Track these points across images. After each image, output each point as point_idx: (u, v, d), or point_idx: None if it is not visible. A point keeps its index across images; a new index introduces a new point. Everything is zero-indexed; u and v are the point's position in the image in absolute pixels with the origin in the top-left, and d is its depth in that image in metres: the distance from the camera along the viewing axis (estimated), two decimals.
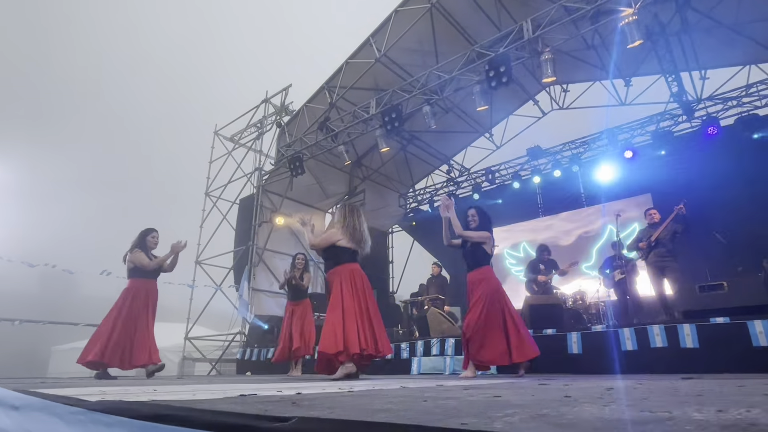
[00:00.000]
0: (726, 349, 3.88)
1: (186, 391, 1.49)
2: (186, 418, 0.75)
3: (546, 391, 1.42)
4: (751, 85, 7.87)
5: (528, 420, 0.72)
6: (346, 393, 1.26)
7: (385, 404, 0.87)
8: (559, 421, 0.71)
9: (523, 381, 2.09)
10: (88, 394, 1.31)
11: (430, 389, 1.52)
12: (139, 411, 0.85)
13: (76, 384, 2.38)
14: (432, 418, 0.72)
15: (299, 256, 6.64)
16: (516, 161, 10.57)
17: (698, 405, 0.95)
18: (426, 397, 1.06)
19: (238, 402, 0.93)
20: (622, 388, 1.53)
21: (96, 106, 46.38)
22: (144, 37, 51.30)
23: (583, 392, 1.37)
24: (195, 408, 0.81)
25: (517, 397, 1.09)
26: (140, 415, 0.82)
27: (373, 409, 0.74)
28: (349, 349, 3.54)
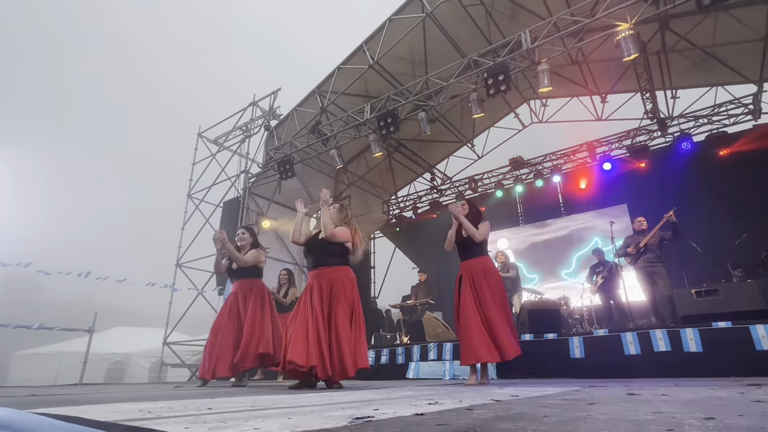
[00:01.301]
0: (730, 353, 3.82)
1: (250, 409, 1.18)
2: None
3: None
4: (720, 104, 8.14)
5: None
6: (473, 413, 1.00)
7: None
8: None
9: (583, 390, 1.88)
10: (141, 417, 0.98)
11: (559, 403, 1.27)
12: None
13: (82, 399, 1.99)
14: None
15: (282, 272, 6.25)
16: (499, 171, 10.56)
17: None
18: (652, 422, 0.81)
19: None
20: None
21: (72, 102, 44.09)
22: (129, 36, 49.33)
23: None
24: None
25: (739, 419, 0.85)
26: None
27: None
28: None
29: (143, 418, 0.94)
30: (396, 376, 5.78)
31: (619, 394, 1.44)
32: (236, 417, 0.93)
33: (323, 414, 0.96)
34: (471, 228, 3.78)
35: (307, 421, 0.84)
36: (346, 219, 3.65)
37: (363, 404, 1.23)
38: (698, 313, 4.39)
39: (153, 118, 47.23)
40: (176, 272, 9.37)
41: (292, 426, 0.76)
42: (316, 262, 3.50)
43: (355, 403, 1.25)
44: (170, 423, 0.84)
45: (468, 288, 3.64)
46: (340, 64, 8.37)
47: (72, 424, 0.84)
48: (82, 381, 6.64)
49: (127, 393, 2.52)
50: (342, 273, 3.45)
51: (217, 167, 10.06)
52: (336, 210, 3.64)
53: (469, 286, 3.64)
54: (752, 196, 7.33)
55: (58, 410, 1.19)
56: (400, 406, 1.13)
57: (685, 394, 1.43)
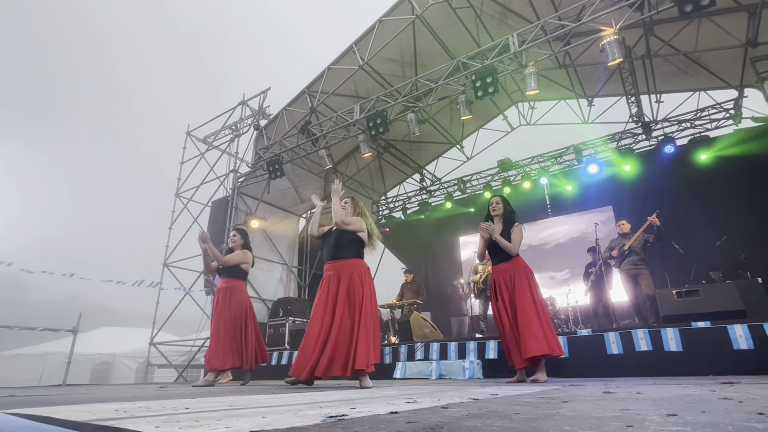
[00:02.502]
0: (708, 353, 3.90)
1: (228, 409, 1.17)
2: None
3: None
4: (702, 109, 8.29)
5: None
6: (448, 411, 1.01)
7: (581, 429, 0.63)
8: None
9: (562, 389, 1.90)
10: (115, 417, 0.98)
11: (530, 402, 1.29)
12: None
13: (63, 398, 1.96)
14: None
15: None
16: (487, 172, 10.62)
17: None
18: (602, 417, 0.82)
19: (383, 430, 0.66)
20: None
21: (61, 101, 43.31)
22: (118, 34, 48.62)
23: None
24: None
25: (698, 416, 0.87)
26: None
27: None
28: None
29: (117, 418, 0.93)
30: (383, 376, 5.78)
31: (595, 393, 1.46)
32: (210, 416, 0.93)
33: (298, 413, 0.96)
34: (507, 245, 3.67)
35: (281, 419, 0.84)
36: (359, 211, 3.62)
37: (342, 403, 1.23)
38: (679, 314, 4.47)
39: (141, 117, 46.64)
40: (163, 272, 9.27)
41: (264, 424, 0.76)
42: (330, 254, 3.44)
43: (334, 402, 1.25)
44: (143, 422, 0.83)
45: (503, 294, 3.61)
46: (330, 64, 8.36)
47: (43, 424, 0.83)
48: (65, 382, 6.53)
49: (109, 393, 2.49)
50: (355, 266, 3.37)
51: (205, 166, 9.98)
52: (349, 203, 3.60)
53: (506, 291, 3.61)
54: (733, 199, 7.47)
55: (33, 410, 1.18)
56: (378, 405, 1.13)
57: (659, 392, 1.46)
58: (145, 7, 49.59)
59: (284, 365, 7.06)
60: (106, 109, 45.75)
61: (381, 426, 0.71)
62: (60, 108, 42.83)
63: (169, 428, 0.74)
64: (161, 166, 18.79)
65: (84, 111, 44.12)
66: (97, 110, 44.98)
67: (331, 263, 3.40)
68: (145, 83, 48.83)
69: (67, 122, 42.25)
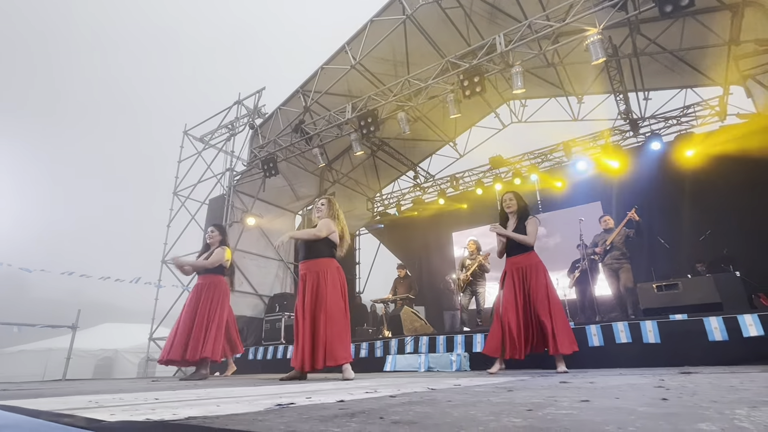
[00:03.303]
0: (685, 344, 3.97)
1: (195, 399, 1.24)
2: None
3: None
4: (688, 106, 8.34)
5: None
6: (396, 399, 1.07)
7: (493, 414, 0.70)
8: None
9: (533, 380, 1.98)
10: (84, 407, 1.04)
11: (477, 392, 1.35)
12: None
13: (49, 391, 2.02)
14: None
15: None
16: (479, 169, 10.68)
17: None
18: (525, 404, 0.89)
19: (306, 417, 0.72)
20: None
21: (60, 103, 43.26)
22: (115, 35, 48.46)
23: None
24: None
25: (611, 402, 0.94)
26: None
27: (518, 426, 0.58)
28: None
29: (84, 407, 0.99)
30: (374, 368, 5.86)
31: (550, 383, 1.52)
32: (170, 406, 0.99)
33: (253, 402, 1.02)
34: (522, 238, 3.74)
35: (232, 408, 0.90)
36: (334, 213, 3.72)
37: (302, 393, 1.30)
38: (658, 307, 4.55)
39: (139, 116, 46.56)
40: (162, 269, 9.33)
41: (209, 412, 0.82)
42: (303, 255, 3.60)
43: (295, 393, 1.31)
44: (103, 411, 0.89)
45: (515, 285, 3.66)
46: (323, 64, 8.39)
47: (5, 412, 0.89)
48: (65, 377, 6.61)
49: (98, 387, 2.56)
50: (324, 264, 3.51)
51: (202, 165, 10.02)
52: (326, 205, 3.70)
53: (519, 283, 3.66)
54: (717, 195, 7.54)
55: (9, 402, 1.24)
56: (335, 395, 1.20)
57: (610, 382, 1.52)
58: (143, 10, 49.38)
59: (279, 359, 7.15)
60: (105, 110, 45.67)
61: (312, 412, 0.77)
62: (59, 109, 42.75)
63: (122, 415, 0.81)
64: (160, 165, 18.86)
65: (83, 112, 44.04)
66: (96, 111, 44.90)
67: (305, 262, 3.55)
68: (144, 84, 48.73)
69: (66, 123, 42.18)
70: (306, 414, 0.74)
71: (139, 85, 48.47)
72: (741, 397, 0.88)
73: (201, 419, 0.69)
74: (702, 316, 4.00)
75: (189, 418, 0.71)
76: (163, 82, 49.84)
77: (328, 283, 3.42)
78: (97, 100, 45.51)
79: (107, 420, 0.72)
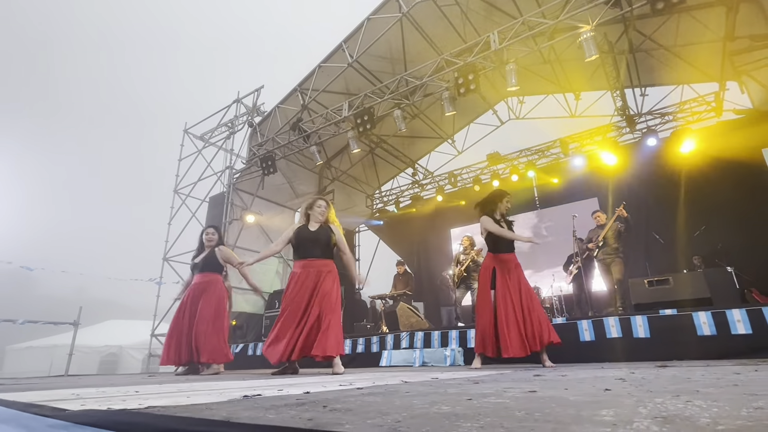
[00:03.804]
0: (675, 339, 4.00)
1: (175, 392, 1.28)
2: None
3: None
4: (685, 102, 8.32)
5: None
6: (359, 391, 1.11)
7: (431, 403, 0.73)
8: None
9: (511, 373, 2.01)
10: (63, 398, 1.08)
11: (442, 384, 1.39)
12: (135, 422, 0.66)
13: (41, 385, 2.07)
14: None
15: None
16: (477, 166, 10.69)
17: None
18: (459, 394, 0.93)
19: (255, 407, 0.76)
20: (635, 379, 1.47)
21: (60, 102, 43.46)
22: (117, 35, 48.59)
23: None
24: (203, 419, 0.64)
25: (556, 392, 0.98)
26: (136, 428, 0.64)
27: (440, 413, 0.61)
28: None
29: (60, 399, 1.04)
30: (371, 363, 5.91)
31: (521, 377, 1.56)
32: (144, 397, 1.03)
33: (223, 393, 1.06)
34: (509, 234, 3.89)
35: (200, 399, 0.94)
36: (334, 216, 3.78)
37: (278, 386, 1.34)
38: (649, 302, 4.57)
39: (140, 115, 46.70)
40: (163, 266, 9.42)
41: (175, 402, 0.86)
42: (312, 253, 3.57)
43: (272, 386, 1.36)
44: (75, 402, 0.94)
45: (508, 280, 3.73)
46: (320, 62, 8.41)
47: None
48: (67, 372, 6.70)
49: (93, 381, 2.62)
50: (330, 265, 3.60)
51: (202, 163, 10.08)
52: (328, 207, 3.75)
53: (508, 279, 3.74)
54: (713, 190, 7.52)
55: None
56: (307, 387, 1.24)
57: (580, 374, 1.56)
58: (147, 9, 49.40)
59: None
60: (107, 109, 45.84)
61: (269, 402, 0.81)
62: (61, 109, 42.93)
63: (93, 404, 0.85)
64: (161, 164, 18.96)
65: (85, 111, 44.24)
66: (97, 110, 45.09)
67: (307, 260, 3.55)
68: (145, 83, 48.85)
69: (67, 123, 42.37)
70: (261, 404, 0.78)
71: (140, 85, 48.65)
72: (680, 388, 0.91)
73: (159, 408, 0.73)
74: (691, 311, 4.02)
75: (149, 407, 0.75)
76: (164, 81, 49.98)
77: (335, 281, 3.53)
78: (100, 100, 45.68)
79: (71, 409, 0.76)
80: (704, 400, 0.74)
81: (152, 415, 0.69)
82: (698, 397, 0.81)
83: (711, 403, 0.72)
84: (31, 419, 0.77)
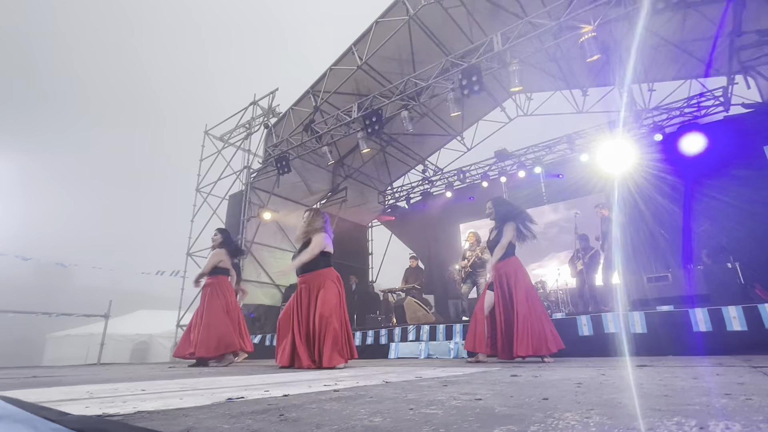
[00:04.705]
0: (670, 334, 3.99)
1: (173, 391, 1.40)
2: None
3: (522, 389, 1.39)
4: (692, 97, 8.10)
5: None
6: (332, 394, 1.20)
7: (372, 413, 0.82)
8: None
9: (494, 372, 2.08)
10: (75, 398, 1.20)
11: (412, 386, 1.47)
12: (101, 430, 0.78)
13: (63, 380, 2.24)
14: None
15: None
16: (485, 162, 10.64)
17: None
18: (410, 401, 1.01)
19: (223, 414, 0.86)
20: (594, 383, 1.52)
21: (90, 105, 44.75)
22: (137, 39, 49.63)
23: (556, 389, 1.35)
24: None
25: (498, 400, 1.05)
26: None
27: (363, 426, 0.69)
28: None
29: (72, 399, 1.16)
30: (380, 355, 6.04)
31: (496, 378, 1.63)
32: (141, 397, 1.15)
33: (214, 394, 1.17)
34: (496, 255, 3.86)
35: (190, 401, 1.05)
36: (320, 225, 3.90)
37: (269, 386, 1.44)
38: (648, 298, 4.55)
39: (163, 118, 47.77)
40: (187, 261, 9.72)
41: (167, 404, 0.97)
42: (301, 270, 3.78)
43: (263, 386, 1.46)
44: (83, 402, 1.06)
45: (503, 288, 3.75)
46: (331, 65, 8.48)
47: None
48: (100, 361, 7.03)
49: (116, 374, 2.78)
50: (323, 275, 3.72)
51: (222, 162, 10.32)
52: (315, 216, 3.90)
53: (499, 287, 3.77)
54: (720, 184, 7.35)
55: (14, 393, 1.43)
56: (290, 389, 1.34)
57: (554, 376, 1.62)
58: (173, 8, 50.19)
59: None
60: (131, 112, 47.00)
61: (244, 407, 0.90)
62: (90, 110, 44.15)
63: (96, 405, 0.96)
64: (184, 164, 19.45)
65: (106, 113, 45.44)
66: (122, 113, 46.27)
67: (303, 276, 3.76)
68: (168, 87, 49.84)
69: (96, 127, 43.61)
70: (231, 410, 0.88)
71: (164, 84, 49.60)
72: (610, 399, 0.96)
73: (123, 416, 0.84)
74: (687, 308, 4.00)
75: (112, 414, 0.86)
76: (184, 85, 50.94)
77: (327, 292, 3.62)
78: (121, 102, 46.83)
79: (72, 414, 0.87)
80: (604, 416, 0.78)
81: (112, 422, 0.80)
82: (607, 412, 0.86)
83: (605, 420, 0.77)
84: (38, 421, 0.88)
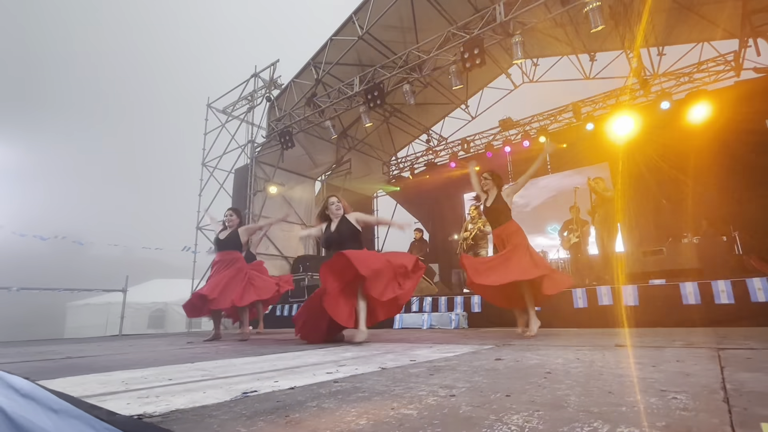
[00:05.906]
0: (662, 308, 4.16)
1: (196, 381, 1.60)
2: None
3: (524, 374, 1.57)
4: (702, 62, 7.89)
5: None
6: (332, 386, 1.39)
7: (360, 414, 0.99)
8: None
9: (483, 353, 2.26)
10: (113, 391, 1.40)
11: (403, 375, 1.66)
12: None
13: (96, 364, 2.48)
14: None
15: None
16: (489, 132, 10.56)
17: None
18: (396, 396, 1.19)
19: (242, 416, 1.03)
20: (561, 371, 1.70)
21: (96, 85, 44.38)
22: (138, 11, 48.28)
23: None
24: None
25: (468, 397, 1.22)
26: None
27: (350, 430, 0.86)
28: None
29: (112, 393, 1.36)
30: (387, 325, 6.32)
31: (482, 364, 1.81)
32: (170, 390, 1.34)
33: (230, 388, 1.36)
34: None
35: (212, 395, 1.24)
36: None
37: (280, 375, 1.64)
38: (642, 271, 4.70)
39: (161, 92, 47.29)
40: (197, 234, 10.00)
41: (192, 401, 1.15)
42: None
43: (275, 374, 1.66)
44: (119, 399, 1.25)
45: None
46: (332, 35, 8.33)
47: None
48: (121, 332, 7.45)
49: (141, 354, 3.04)
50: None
51: (227, 136, 10.36)
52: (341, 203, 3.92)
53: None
54: (727, 152, 7.29)
55: (48, 382, 1.65)
56: (294, 379, 1.53)
57: (531, 360, 1.80)
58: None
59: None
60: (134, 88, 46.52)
61: (257, 405, 1.08)
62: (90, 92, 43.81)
63: (135, 406, 1.15)
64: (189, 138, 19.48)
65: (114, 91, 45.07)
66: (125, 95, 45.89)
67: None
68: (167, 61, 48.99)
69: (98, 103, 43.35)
70: (247, 408, 1.05)
71: (167, 59, 48.72)
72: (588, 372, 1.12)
73: (158, 418, 1.02)
74: (679, 282, 4.15)
75: (143, 414, 1.04)
76: (185, 55, 49.94)
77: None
78: (131, 80, 46.25)
79: (121, 414, 1.05)
80: (541, 420, 0.94)
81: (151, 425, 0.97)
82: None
83: (539, 425, 0.93)
84: (92, 419, 1.07)
